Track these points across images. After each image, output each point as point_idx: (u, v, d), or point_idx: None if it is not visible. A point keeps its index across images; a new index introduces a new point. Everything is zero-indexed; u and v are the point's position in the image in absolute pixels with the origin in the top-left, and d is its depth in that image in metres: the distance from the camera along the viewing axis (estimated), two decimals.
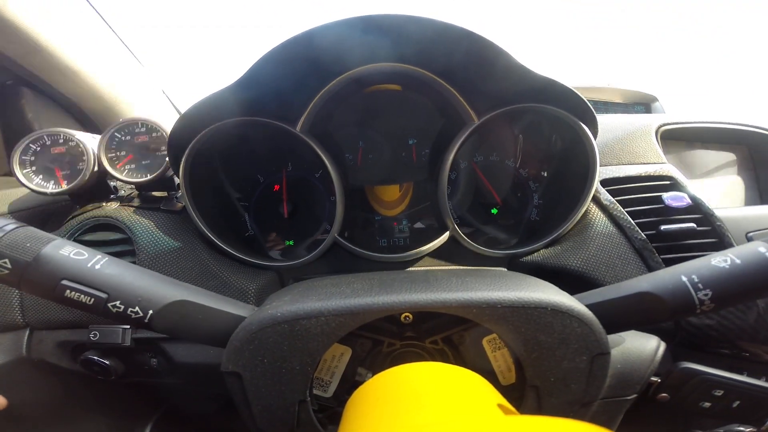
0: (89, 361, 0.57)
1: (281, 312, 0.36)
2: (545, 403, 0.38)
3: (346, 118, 0.74)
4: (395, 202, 0.77)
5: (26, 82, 0.78)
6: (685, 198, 0.60)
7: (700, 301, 0.36)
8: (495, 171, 0.75)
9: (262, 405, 0.37)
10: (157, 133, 0.64)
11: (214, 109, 0.57)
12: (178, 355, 0.58)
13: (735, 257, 0.37)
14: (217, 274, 0.60)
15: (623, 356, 0.51)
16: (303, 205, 0.75)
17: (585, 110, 0.58)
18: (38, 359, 0.60)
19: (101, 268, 0.37)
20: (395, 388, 0.32)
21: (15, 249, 0.36)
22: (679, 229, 0.59)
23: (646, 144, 0.69)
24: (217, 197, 0.70)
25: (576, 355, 0.37)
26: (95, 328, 0.56)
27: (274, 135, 0.65)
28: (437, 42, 0.53)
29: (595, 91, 1.48)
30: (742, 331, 0.56)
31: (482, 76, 0.58)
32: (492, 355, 0.43)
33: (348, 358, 0.44)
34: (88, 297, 0.36)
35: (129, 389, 0.78)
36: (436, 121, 0.74)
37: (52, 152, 0.63)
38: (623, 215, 0.60)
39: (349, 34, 0.51)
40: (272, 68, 0.52)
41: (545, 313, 0.36)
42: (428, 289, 0.38)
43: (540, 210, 0.73)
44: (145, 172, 0.64)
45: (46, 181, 0.63)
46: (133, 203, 0.65)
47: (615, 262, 0.58)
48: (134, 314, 0.37)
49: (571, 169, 0.65)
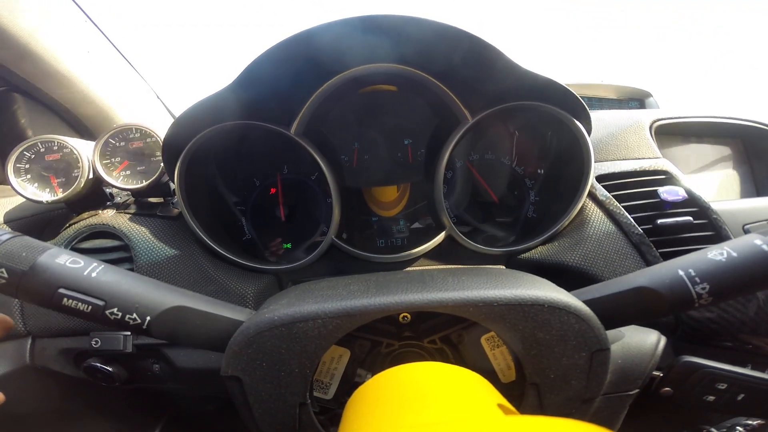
0: (92, 368, 0.57)
1: (278, 315, 0.36)
2: (546, 401, 0.38)
3: (341, 119, 0.74)
4: (393, 202, 0.77)
5: (19, 89, 0.77)
6: (681, 192, 0.60)
7: (697, 294, 0.36)
8: (491, 169, 0.75)
9: (263, 408, 0.37)
10: (152, 138, 0.64)
11: (208, 113, 0.56)
12: (179, 361, 0.58)
13: (731, 250, 0.37)
14: (215, 279, 0.59)
15: (624, 351, 0.51)
16: (300, 207, 0.75)
17: (579, 107, 0.58)
18: (42, 367, 0.60)
19: (98, 276, 0.37)
20: (394, 388, 0.32)
21: (11, 258, 0.36)
22: (676, 222, 0.59)
23: (641, 139, 0.69)
24: (214, 202, 0.70)
25: (575, 351, 0.37)
26: (96, 335, 0.56)
27: (269, 138, 0.65)
28: (436, 43, 0.53)
29: (589, 87, 1.48)
30: (743, 324, 0.56)
31: (480, 77, 0.58)
32: (491, 353, 0.43)
33: (347, 359, 0.43)
34: (85, 305, 0.36)
35: (133, 395, 0.78)
36: (431, 120, 0.74)
37: (46, 160, 0.63)
38: (620, 210, 0.61)
39: (348, 33, 0.51)
40: (270, 67, 0.52)
41: (542, 310, 0.36)
42: (425, 289, 0.38)
43: (536, 207, 0.73)
44: (141, 178, 0.64)
45: (41, 189, 0.63)
46: (129, 210, 0.64)
47: (612, 257, 0.58)
48: (132, 321, 0.37)
49: (566, 165, 0.66)
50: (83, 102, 0.83)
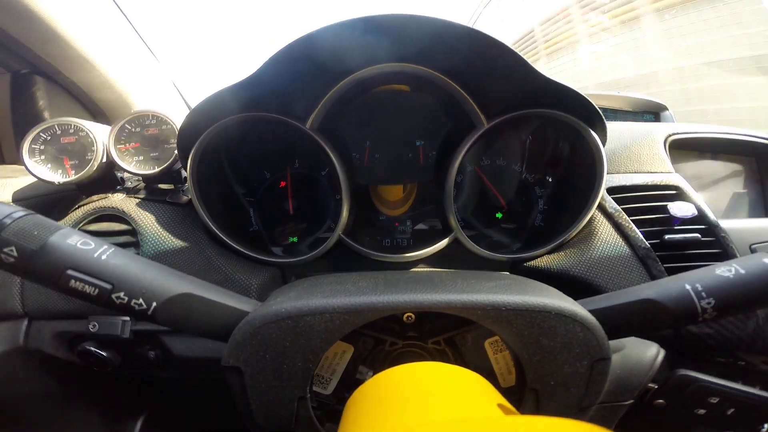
0: (86, 352, 0.56)
1: (285, 308, 0.36)
2: (544, 407, 0.38)
3: (353, 117, 0.74)
4: (399, 202, 0.77)
5: (40, 71, 0.78)
6: (691, 208, 0.60)
7: (702, 309, 0.36)
8: (501, 175, 0.75)
9: (261, 401, 0.37)
10: (167, 126, 0.65)
11: (224, 104, 0.57)
12: (176, 349, 0.59)
13: (739, 267, 0.37)
14: (219, 268, 0.60)
15: (623, 362, 0.51)
16: (308, 202, 0.76)
17: (595, 117, 0.58)
18: (35, 349, 0.59)
19: (107, 259, 0.37)
20: (396, 387, 0.32)
21: (22, 237, 0.35)
22: (683, 239, 0.59)
23: (654, 153, 0.69)
24: (223, 192, 0.70)
25: (577, 359, 0.37)
26: (95, 319, 0.56)
27: (282, 132, 0.66)
28: (438, 41, 0.53)
29: (604, 98, 1.47)
30: (740, 341, 0.56)
31: (486, 74, 0.58)
32: (493, 357, 0.43)
33: (349, 356, 0.44)
34: (92, 287, 0.35)
35: (123, 383, 0.78)
36: (444, 123, 0.74)
37: (61, 142, 0.64)
38: (628, 224, 0.60)
39: (349, 35, 0.52)
40: (278, 71, 0.53)
41: (549, 317, 0.36)
42: (433, 290, 0.38)
43: (545, 216, 0.73)
44: (153, 164, 0.65)
45: (54, 170, 0.64)
46: (139, 195, 0.65)
47: (618, 269, 0.58)
48: (138, 306, 0.36)
49: (577, 175, 0.65)
50: (102, 87, 0.84)
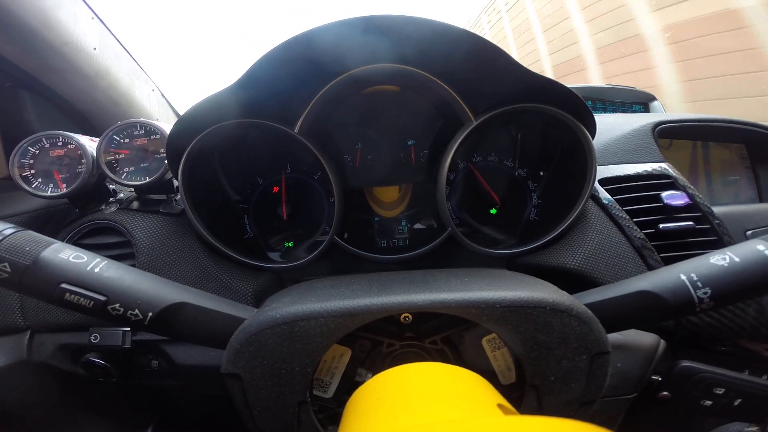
0: (90, 363, 0.56)
1: (281, 313, 0.36)
2: (545, 403, 0.38)
3: (344, 119, 0.74)
4: (394, 203, 0.77)
5: (24, 84, 0.78)
6: (684, 196, 0.60)
7: (699, 299, 0.36)
8: (493, 171, 0.75)
9: (262, 406, 0.37)
10: (156, 135, 0.64)
11: (212, 111, 0.57)
12: (178, 357, 0.58)
13: (734, 255, 0.37)
14: (216, 276, 0.60)
15: (623, 355, 0.51)
16: (302, 206, 0.75)
17: (583, 110, 0.58)
18: (39, 362, 0.60)
19: (100, 271, 0.37)
20: (395, 388, 0.32)
21: (14, 253, 0.36)
22: (678, 227, 0.59)
23: (644, 143, 0.69)
24: (216, 199, 0.70)
25: (576, 354, 0.37)
26: (95, 330, 0.56)
27: (272, 137, 0.65)
28: (437, 43, 0.53)
29: (594, 90, 1.48)
30: (742, 329, 0.56)
31: (481, 77, 0.58)
32: (492, 354, 0.43)
33: (348, 358, 0.43)
34: (87, 300, 0.36)
35: (129, 393, 0.78)
36: (435, 121, 0.74)
37: (50, 155, 0.63)
38: (622, 214, 0.61)
39: (348, 34, 0.51)
40: (272, 69, 0.52)
41: (544, 312, 0.36)
42: (427, 290, 0.38)
43: (539, 210, 0.73)
44: (144, 174, 0.64)
45: (45, 184, 0.63)
46: (132, 206, 0.65)
47: (614, 260, 0.58)
48: (134, 317, 0.37)
49: (569, 168, 0.66)
50: (88, 98, 0.83)
